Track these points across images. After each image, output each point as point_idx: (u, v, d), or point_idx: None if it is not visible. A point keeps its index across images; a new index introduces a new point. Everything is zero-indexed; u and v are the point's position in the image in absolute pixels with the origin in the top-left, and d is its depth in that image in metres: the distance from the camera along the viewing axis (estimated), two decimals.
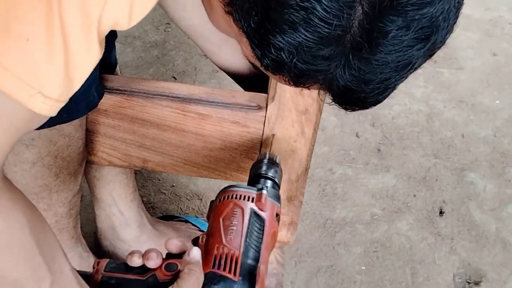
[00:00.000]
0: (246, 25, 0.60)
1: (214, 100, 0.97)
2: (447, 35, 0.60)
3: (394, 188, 1.57)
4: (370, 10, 0.55)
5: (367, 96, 0.63)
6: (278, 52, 0.59)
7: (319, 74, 0.60)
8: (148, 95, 0.97)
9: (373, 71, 0.59)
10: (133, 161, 1.05)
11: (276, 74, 0.63)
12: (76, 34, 0.58)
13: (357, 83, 0.60)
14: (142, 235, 1.27)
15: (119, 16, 0.61)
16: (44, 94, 0.59)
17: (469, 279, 1.39)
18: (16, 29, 0.55)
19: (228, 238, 0.73)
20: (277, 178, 0.86)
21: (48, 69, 0.58)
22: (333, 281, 1.35)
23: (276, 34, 0.58)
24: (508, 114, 1.81)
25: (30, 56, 0.57)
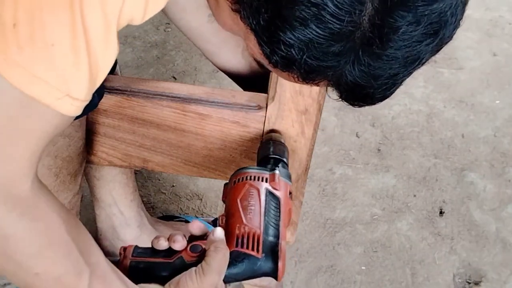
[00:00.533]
0: (255, 23, 0.61)
1: (214, 100, 0.97)
2: (454, 30, 0.61)
3: (394, 188, 1.57)
4: (380, 5, 0.56)
5: (375, 92, 0.63)
6: (288, 48, 0.59)
7: (329, 70, 0.60)
8: (148, 95, 0.97)
9: (383, 66, 0.60)
10: (133, 161, 1.05)
11: (285, 71, 0.63)
12: (98, 35, 0.59)
13: (366, 79, 0.61)
14: (142, 235, 1.27)
15: (135, 11, 0.63)
16: (71, 96, 0.61)
17: (469, 279, 1.39)
18: (41, 36, 0.56)
19: (248, 218, 0.76)
20: (285, 158, 0.89)
21: (74, 72, 0.59)
22: (333, 281, 1.35)
23: (286, 31, 0.58)
24: (508, 114, 1.82)
25: (56, 60, 0.58)
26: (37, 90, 0.59)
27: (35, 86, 0.58)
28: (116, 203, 1.22)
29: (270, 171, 0.81)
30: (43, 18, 0.56)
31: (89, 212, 1.34)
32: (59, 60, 0.58)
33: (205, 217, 1.45)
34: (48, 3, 0.56)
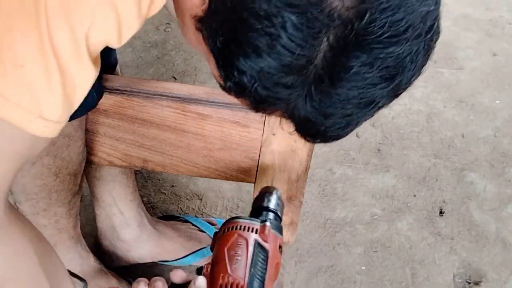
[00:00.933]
0: (213, 44, 0.60)
1: (214, 100, 0.97)
2: (413, 77, 0.59)
3: (394, 188, 1.57)
4: (335, 43, 0.54)
5: (328, 129, 0.61)
6: (240, 75, 0.58)
7: (280, 102, 0.59)
8: (148, 95, 0.97)
9: (334, 105, 0.58)
10: (133, 161, 1.05)
11: (238, 97, 0.62)
12: (68, 56, 0.58)
13: (318, 116, 0.59)
14: (142, 235, 1.27)
15: (108, 37, 0.62)
16: (44, 118, 0.59)
17: (469, 279, 1.39)
18: (10, 57, 0.56)
19: (233, 268, 0.74)
20: (279, 211, 0.88)
21: (46, 93, 0.58)
22: (333, 281, 1.35)
23: (239, 57, 0.57)
24: (508, 114, 1.82)
25: (26, 82, 0.57)
26: (7, 112, 0.57)
27: (6, 108, 0.57)
28: (116, 203, 1.22)
29: (261, 222, 0.80)
30: (11, 39, 0.55)
31: (89, 212, 1.34)
32: (30, 81, 0.57)
33: (205, 217, 1.45)
34: (15, 24, 0.55)
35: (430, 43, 0.58)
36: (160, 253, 1.30)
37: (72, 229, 1.10)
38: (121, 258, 1.28)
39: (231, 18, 0.56)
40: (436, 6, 0.57)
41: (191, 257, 1.32)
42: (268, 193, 0.90)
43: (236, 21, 0.56)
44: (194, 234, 1.34)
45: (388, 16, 0.53)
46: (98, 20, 0.59)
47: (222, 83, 0.63)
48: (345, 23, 0.53)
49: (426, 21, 0.56)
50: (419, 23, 0.55)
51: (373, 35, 0.53)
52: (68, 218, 1.07)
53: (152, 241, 1.29)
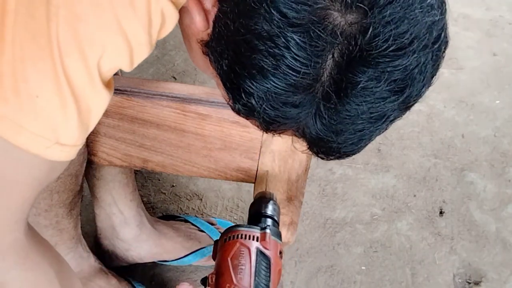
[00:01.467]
0: (219, 68, 0.60)
1: (214, 100, 0.97)
2: (423, 88, 0.58)
3: (394, 188, 1.57)
4: (340, 60, 0.54)
5: (341, 146, 0.61)
6: (248, 97, 0.58)
7: (290, 122, 0.59)
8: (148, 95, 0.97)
9: (344, 122, 0.58)
10: (133, 161, 1.05)
11: (247, 118, 0.62)
12: (82, 84, 0.59)
13: (328, 133, 0.59)
14: (142, 235, 1.27)
15: (120, 63, 0.62)
16: (61, 143, 0.60)
17: (469, 279, 1.39)
18: (25, 88, 0.56)
19: (238, 278, 0.75)
20: (276, 216, 0.89)
21: (62, 121, 0.59)
22: (333, 281, 1.35)
23: (246, 79, 0.57)
24: (508, 114, 1.81)
25: (42, 111, 0.58)
26: (24, 141, 0.58)
27: (22, 136, 0.58)
28: (115, 203, 1.22)
29: (261, 229, 0.81)
30: (25, 70, 0.56)
31: (89, 212, 1.34)
32: (45, 110, 0.58)
33: (205, 217, 1.45)
34: (29, 55, 0.56)
35: (438, 53, 0.57)
36: (160, 253, 1.30)
37: (73, 229, 1.10)
38: (121, 258, 1.28)
39: (235, 41, 0.56)
40: (442, 16, 0.57)
41: (191, 257, 1.32)
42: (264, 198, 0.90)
43: (240, 43, 0.56)
44: (193, 234, 1.34)
45: (392, 29, 0.52)
46: (110, 48, 0.60)
47: (231, 105, 0.63)
48: (349, 39, 0.53)
49: (432, 31, 0.56)
50: (425, 34, 0.55)
51: (378, 49, 0.53)
52: (69, 219, 1.07)
53: (151, 241, 1.29)
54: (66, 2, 0.56)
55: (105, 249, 1.28)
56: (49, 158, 0.61)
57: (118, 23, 0.59)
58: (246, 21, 0.54)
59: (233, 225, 0.82)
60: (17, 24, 0.55)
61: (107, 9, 0.58)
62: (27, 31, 0.56)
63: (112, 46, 0.60)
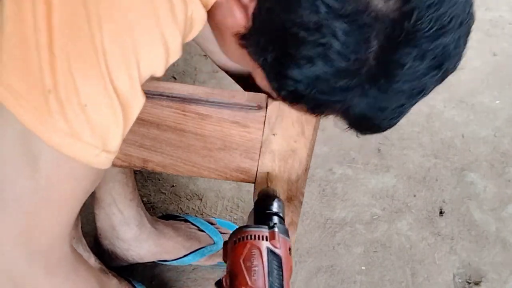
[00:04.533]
0: (262, 59, 0.62)
1: (214, 100, 0.97)
2: (458, 62, 0.63)
3: (394, 188, 1.57)
4: (385, 43, 0.57)
5: (382, 122, 0.64)
6: (295, 84, 0.60)
7: (337, 104, 0.62)
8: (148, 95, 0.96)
9: (389, 99, 0.61)
10: (133, 161, 1.05)
11: (293, 103, 0.65)
12: (127, 92, 0.61)
13: (373, 111, 0.62)
14: (142, 234, 1.27)
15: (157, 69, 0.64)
16: (107, 150, 0.62)
17: (469, 279, 1.39)
18: (75, 98, 0.58)
19: (253, 279, 0.75)
20: (281, 213, 0.89)
21: (113, 128, 0.61)
22: (333, 281, 1.35)
23: (293, 68, 0.59)
24: (508, 114, 1.82)
25: (92, 119, 0.60)
26: (76, 150, 0.60)
27: (74, 146, 0.60)
28: (115, 203, 1.22)
29: (269, 228, 0.81)
30: (75, 82, 0.58)
31: (89, 212, 1.34)
32: (96, 119, 0.60)
33: (205, 217, 1.45)
34: (78, 67, 0.58)
35: (469, 28, 0.63)
36: (160, 253, 1.30)
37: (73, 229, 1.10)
38: (121, 258, 1.28)
39: (280, 34, 0.59)
40: None
41: (191, 256, 1.32)
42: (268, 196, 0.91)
43: (285, 36, 0.58)
44: (193, 233, 1.35)
45: (434, 12, 0.56)
46: (151, 56, 0.62)
47: (272, 93, 0.66)
48: (393, 24, 0.56)
49: (465, 9, 0.61)
50: (461, 13, 0.60)
51: (422, 31, 0.56)
52: None
53: (151, 241, 1.29)
54: (106, 14, 0.57)
55: (105, 249, 1.28)
56: (97, 166, 0.62)
57: (160, 31, 0.61)
58: (290, 15, 0.57)
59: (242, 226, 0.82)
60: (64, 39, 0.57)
61: (150, 18, 0.60)
62: (74, 44, 0.57)
63: (153, 53, 0.62)
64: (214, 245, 1.34)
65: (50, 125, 0.58)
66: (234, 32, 0.65)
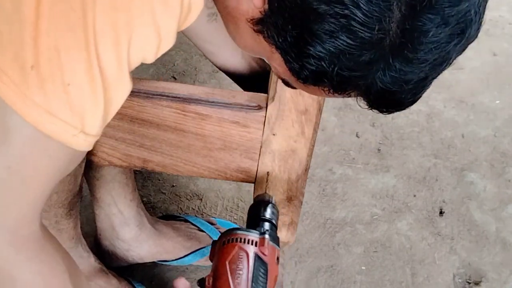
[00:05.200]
0: (281, 40, 0.61)
1: (214, 100, 0.97)
2: (479, 28, 0.61)
3: (394, 188, 1.57)
4: (407, 11, 0.56)
5: (406, 96, 0.63)
6: (318, 62, 0.59)
7: (361, 80, 0.61)
8: (148, 95, 0.97)
9: (413, 70, 0.60)
10: (133, 161, 1.05)
11: (316, 85, 0.63)
12: (113, 75, 0.61)
13: (398, 84, 0.61)
14: (142, 235, 1.27)
15: (147, 54, 0.64)
16: (85, 132, 0.62)
17: (469, 279, 1.39)
18: (59, 76, 0.58)
19: (236, 283, 0.75)
20: (274, 220, 0.89)
21: (91, 109, 0.61)
22: (333, 281, 1.35)
23: (316, 44, 0.58)
24: (508, 114, 1.81)
25: (73, 99, 0.59)
26: (53, 128, 0.59)
27: (52, 124, 0.59)
28: (115, 203, 1.22)
29: (260, 234, 0.81)
30: (61, 59, 0.57)
31: (89, 212, 1.34)
32: (76, 98, 0.59)
33: (205, 217, 1.45)
34: (65, 45, 0.57)
35: None
36: (160, 253, 1.30)
37: (72, 229, 1.10)
38: (121, 258, 1.28)
39: (299, 11, 0.58)
40: None
41: (191, 256, 1.32)
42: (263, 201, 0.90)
43: (305, 12, 0.57)
44: (193, 233, 1.34)
45: None
46: (141, 38, 0.61)
47: (291, 78, 0.64)
48: None
49: None
50: None
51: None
52: (68, 219, 1.07)
53: (151, 241, 1.29)
54: None
55: (105, 249, 1.28)
56: (74, 147, 0.62)
57: (153, 14, 0.60)
58: None
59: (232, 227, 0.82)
60: (53, 15, 0.56)
61: (145, 2, 0.59)
62: (63, 21, 0.57)
63: (144, 36, 0.61)
64: None
65: (29, 101, 0.58)
66: (249, 18, 0.64)
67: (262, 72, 1.07)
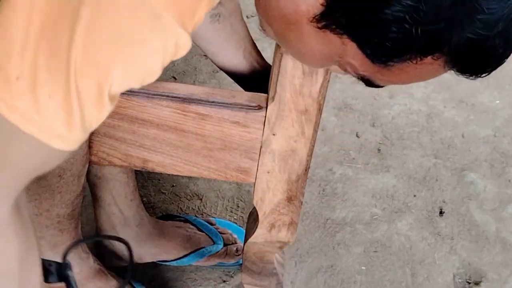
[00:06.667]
0: (353, 22, 0.60)
1: (214, 100, 0.97)
2: None
3: (394, 188, 1.57)
4: None
5: (498, 43, 0.59)
6: (399, 25, 0.57)
7: (448, 33, 0.58)
8: (148, 95, 0.97)
9: (499, 5, 0.57)
10: (133, 161, 1.05)
11: (401, 58, 0.61)
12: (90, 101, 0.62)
13: (487, 28, 0.58)
14: (141, 235, 1.27)
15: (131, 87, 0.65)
16: (64, 136, 0.63)
17: (469, 279, 1.39)
18: (40, 89, 0.60)
19: None
20: None
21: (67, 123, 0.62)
22: (333, 281, 1.35)
23: (391, 5, 0.56)
24: (508, 114, 1.81)
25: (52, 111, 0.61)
26: (32, 128, 0.62)
27: (31, 126, 0.61)
28: (115, 202, 1.22)
29: None
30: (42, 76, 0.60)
31: (89, 212, 1.34)
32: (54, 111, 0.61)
33: (205, 217, 1.45)
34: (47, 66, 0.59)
35: None
36: (160, 253, 1.30)
37: (73, 229, 1.10)
38: (121, 258, 1.28)
39: None
40: None
41: (191, 257, 1.32)
42: None
43: None
44: (193, 234, 1.35)
45: None
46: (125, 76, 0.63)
47: (373, 67, 0.63)
48: None
49: None
50: None
51: None
52: (70, 219, 1.07)
53: (151, 241, 1.29)
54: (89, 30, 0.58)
55: (104, 249, 1.28)
56: (51, 145, 0.63)
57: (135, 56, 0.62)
58: None
59: None
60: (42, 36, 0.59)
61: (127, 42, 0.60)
62: (49, 46, 0.59)
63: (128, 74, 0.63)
64: (213, 245, 1.34)
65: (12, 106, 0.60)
66: (311, 17, 0.62)
67: (263, 72, 1.07)
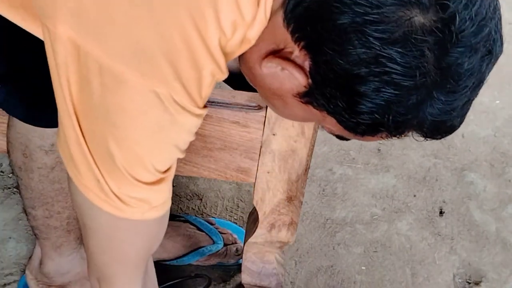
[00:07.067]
0: (332, 107, 0.66)
1: (214, 100, 0.97)
2: (502, 43, 0.68)
3: (394, 188, 1.57)
4: (439, 51, 0.61)
5: (455, 121, 0.69)
6: (372, 116, 0.64)
7: (413, 120, 0.66)
8: None
9: (457, 98, 0.66)
10: None
11: (374, 134, 0.68)
12: (144, 178, 0.75)
13: (446, 114, 0.66)
14: None
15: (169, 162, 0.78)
16: (153, 206, 0.77)
17: (469, 279, 1.39)
18: (126, 189, 0.74)
19: None
20: None
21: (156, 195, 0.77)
22: (333, 281, 1.35)
23: (365, 102, 0.63)
24: (508, 114, 1.81)
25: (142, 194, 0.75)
26: (128, 214, 0.75)
27: (126, 212, 0.74)
28: None
29: None
30: (107, 180, 0.72)
31: None
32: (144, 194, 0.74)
33: (205, 217, 1.45)
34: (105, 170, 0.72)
35: (500, 11, 0.67)
36: (159, 252, 1.30)
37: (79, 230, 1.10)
38: None
39: (343, 79, 0.63)
40: None
41: (190, 256, 1.32)
42: None
43: (349, 78, 0.63)
44: (193, 233, 1.34)
45: (471, 9, 0.61)
46: (163, 158, 0.76)
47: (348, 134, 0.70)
48: (440, 32, 0.61)
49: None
50: (491, 1, 0.64)
51: (467, 29, 0.62)
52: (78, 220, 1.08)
53: None
54: (122, 151, 0.70)
55: None
56: (148, 218, 0.77)
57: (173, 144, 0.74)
58: (348, 58, 0.62)
59: None
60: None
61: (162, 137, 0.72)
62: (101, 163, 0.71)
63: (165, 156, 0.75)
64: (213, 244, 1.34)
65: (106, 204, 0.74)
66: (295, 94, 0.69)
67: None
